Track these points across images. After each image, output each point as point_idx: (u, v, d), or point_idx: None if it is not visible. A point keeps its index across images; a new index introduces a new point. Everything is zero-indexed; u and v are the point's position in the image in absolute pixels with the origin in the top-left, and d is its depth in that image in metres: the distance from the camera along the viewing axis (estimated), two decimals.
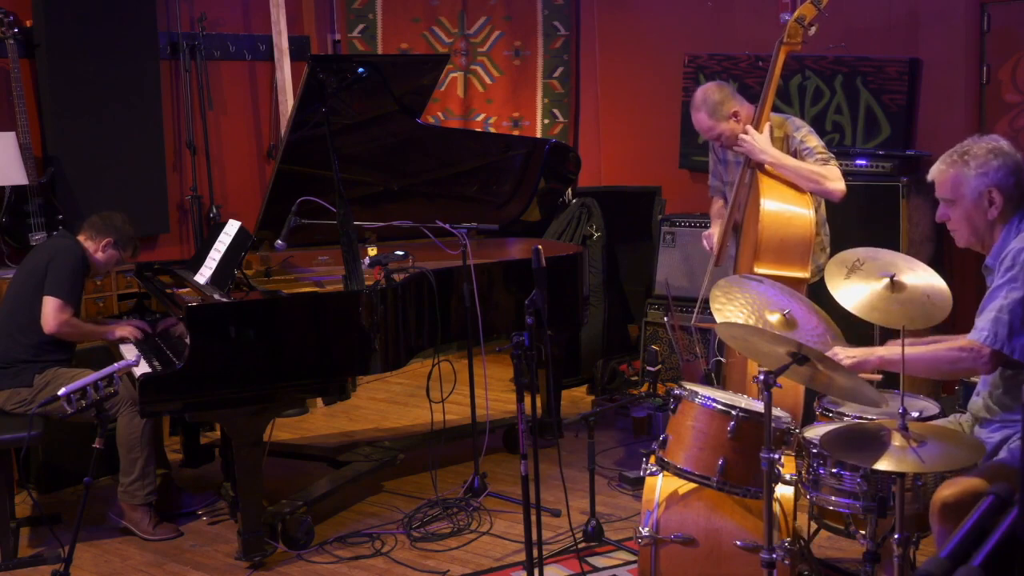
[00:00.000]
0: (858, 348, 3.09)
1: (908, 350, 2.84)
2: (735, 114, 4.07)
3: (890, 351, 3.00)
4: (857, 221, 4.64)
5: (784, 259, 3.88)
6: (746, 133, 4.00)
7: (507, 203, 5.13)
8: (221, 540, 4.19)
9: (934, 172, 2.99)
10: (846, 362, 2.96)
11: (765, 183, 3.96)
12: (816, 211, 3.96)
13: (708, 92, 4.12)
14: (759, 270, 3.82)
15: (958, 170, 2.92)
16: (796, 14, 3.90)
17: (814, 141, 4.04)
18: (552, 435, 5.00)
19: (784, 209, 3.91)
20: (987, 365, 2.84)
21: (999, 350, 2.80)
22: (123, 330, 4.42)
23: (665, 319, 5.32)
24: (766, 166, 3.98)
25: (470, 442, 4.61)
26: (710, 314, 3.37)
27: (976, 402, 3.03)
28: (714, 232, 4.34)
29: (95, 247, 4.39)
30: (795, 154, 4.03)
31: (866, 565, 2.92)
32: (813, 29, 3.91)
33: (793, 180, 3.95)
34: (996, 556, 1.34)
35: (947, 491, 2.73)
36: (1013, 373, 2.89)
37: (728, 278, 3.47)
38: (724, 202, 4.40)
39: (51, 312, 4.18)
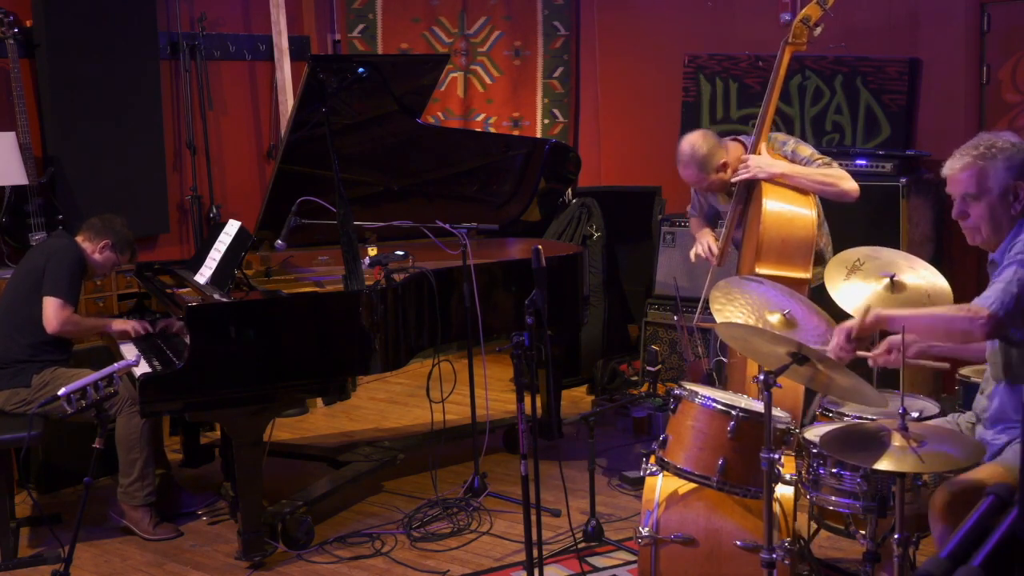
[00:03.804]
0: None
1: (907, 310, 2.82)
2: (723, 165, 3.98)
3: (888, 309, 2.91)
4: (857, 221, 4.63)
5: (786, 260, 3.86)
6: (745, 163, 3.92)
7: (507, 203, 5.13)
8: (221, 540, 4.19)
9: (954, 167, 2.86)
10: (845, 325, 2.91)
11: (767, 184, 3.93)
12: (818, 212, 3.95)
13: (695, 146, 3.96)
14: (760, 271, 3.81)
15: (986, 163, 2.81)
16: (801, 14, 3.87)
17: (807, 150, 3.99)
18: (552, 435, 5.00)
19: (785, 209, 3.90)
20: (983, 328, 2.70)
21: (999, 316, 2.68)
22: (124, 324, 4.42)
23: (676, 318, 5.31)
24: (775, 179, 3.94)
25: (470, 442, 4.61)
26: (711, 314, 3.36)
27: (980, 400, 3.00)
28: (705, 239, 4.27)
29: (93, 248, 4.39)
30: None
31: (866, 565, 2.92)
32: (819, 29, 3.87)
33: (807, 188, 3.89)
34: (996, 556, 1.34)
35: (947, 491, 2.72)
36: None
37: (728, 279, 3.46)
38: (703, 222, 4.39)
39: (52, 312, 4.18)
